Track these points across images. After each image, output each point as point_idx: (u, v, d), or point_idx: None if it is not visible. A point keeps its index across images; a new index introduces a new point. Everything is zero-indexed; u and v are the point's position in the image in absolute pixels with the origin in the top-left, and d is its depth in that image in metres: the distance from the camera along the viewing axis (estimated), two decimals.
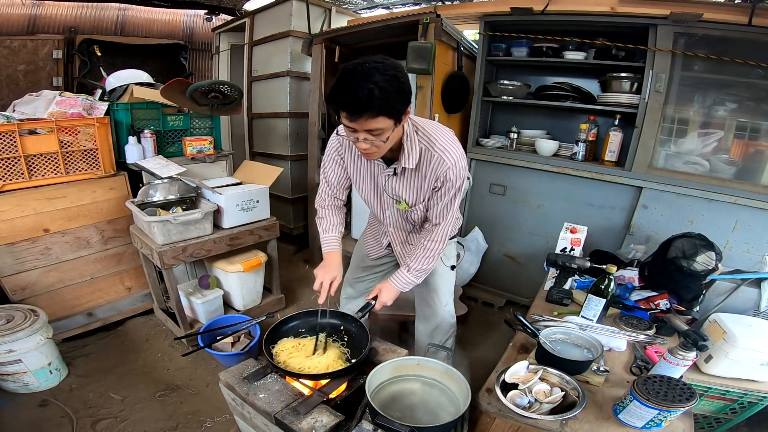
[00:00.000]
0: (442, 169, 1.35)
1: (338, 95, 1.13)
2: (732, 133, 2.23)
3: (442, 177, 1.36)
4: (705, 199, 2.15)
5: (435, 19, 2.42)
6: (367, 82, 1.09)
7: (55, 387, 1.99)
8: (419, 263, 1.50)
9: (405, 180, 1.43)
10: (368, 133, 1.18)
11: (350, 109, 1.12)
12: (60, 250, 2.22)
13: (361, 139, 1.20)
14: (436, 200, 1.44)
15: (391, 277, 1.53)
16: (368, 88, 1.08)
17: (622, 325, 1.67)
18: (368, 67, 1.11)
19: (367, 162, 1.47)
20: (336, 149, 1.52)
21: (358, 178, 1.55)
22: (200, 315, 2.37)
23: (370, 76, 1.10)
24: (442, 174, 1.35)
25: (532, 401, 1.23)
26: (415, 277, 1.51)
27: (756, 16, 1.92)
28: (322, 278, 1.46)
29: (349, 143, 1.46)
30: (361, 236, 1.94)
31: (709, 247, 1.77)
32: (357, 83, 1.09)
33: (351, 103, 1.11)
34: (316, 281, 1.46)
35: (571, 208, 2.48)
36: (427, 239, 1.49)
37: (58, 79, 3.84)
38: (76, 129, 2.19)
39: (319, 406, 1.16)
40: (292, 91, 3.43)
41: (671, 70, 2.14)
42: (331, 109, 1.27)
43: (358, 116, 1.13)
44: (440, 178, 1.37)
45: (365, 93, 1.09)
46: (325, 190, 1.62)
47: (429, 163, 1.36)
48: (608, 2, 2.24)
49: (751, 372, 1.52)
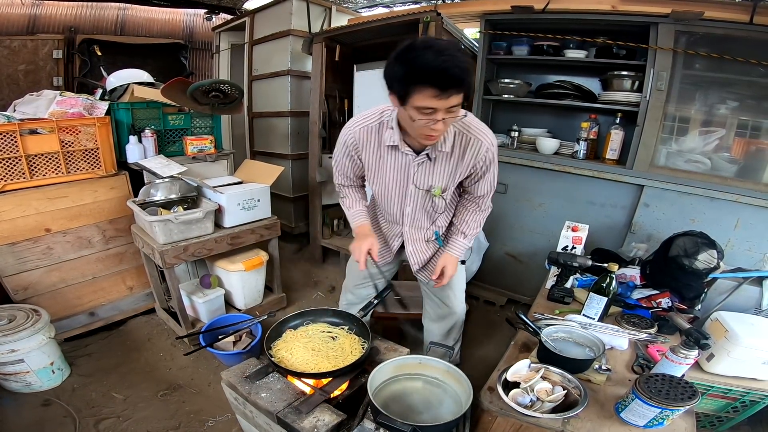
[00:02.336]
0: (483, 150, 1.38)
1: (429, 72, 1.07)
2: (733, 132, 2.22)
3: (483, 157, 1.40)
4: (707, 198, 2.14)
5: (435, 17, 2.43)
6: (455, 57, 1.07)
7: (57, 386, 1.99)
8: (472, 229, 1.59)
9: (438, 165, 1.42)
10: (447, 111, 1.14)
11: (444, 85, 1.07)
12: (62, 249, 2.22)
13: (439, 119, 1.15)
14: (481, 177, 1.48)
15: (449, 249, 1.61)
16: (460, 64, 1.07)
17: (624, 323, 1.67)
18: (444, 43, 1.11)
19: (393, 156, 1.42)
20: (353, 146, 1.47)
21: (379, 174, 1.49)
22: (202, 314, 2.37)
23: (453, 52, 1.08)
24: (482, 155, 1.39)
25: (533, 400, 1.23)
26: (468, 242, 1.62)
27: (757, 14, 1.92)
28: (359, 248, 1.49)
29: (369, 139, 1.42)
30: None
31: (711, 246, 1.77)
32: (449, 59, 1.06)
33: (445, 79, 1.07)
34: (355, 253, 1.51)
35: (572, 207, 2.48)
36: (476, 209, 1.58)
37: (59, 78, 3.84)
38: (77, 129, 2.19)
39: (321, 405, 1.16)
40: (292, 91, 3.43)
41: (672, 68, 2.13)
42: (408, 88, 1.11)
43: (450, 93, 1.09)
44: (482, 159, 1.41)
45: (459, 68, 1.07)
46: (341, 178, 1.63)
47: (466, 146, 1.37)
48: (609, 0, 2.23)
49: (753, 370, 1.53)
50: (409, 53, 1.10)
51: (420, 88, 1.10)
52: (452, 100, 1.12)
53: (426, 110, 1.14)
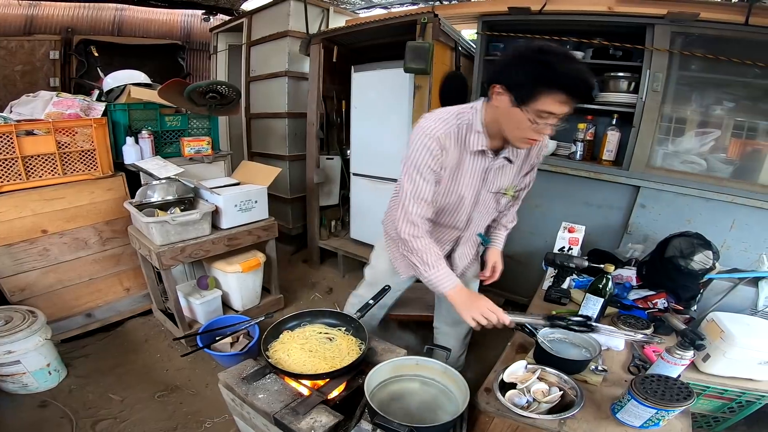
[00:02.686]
0: (543, 145, 1.44)
1: (569, 79, 1.05)
2: (729, 132, 2.23)
3: (540, 152, 1.47)
4: (702, 199, 2.15)
5: (433, 19, 2.43)
6: (589, 72, 1.07)
7: (54, 388, 1.99)
8: (511, 222, 1.70)
9: (513, 166, 1.41)
10: (560, 118, 1.14)
11: (577, 94, 1.07)
12: (58, 251, 2.22)
13: (551, 124, 1.14)
14: (531, 171, 1.51)
15: (494, 244, 1.68)
16: (592, 78, 1.07)
17: (620, 324, 1.68)
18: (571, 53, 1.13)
19: (473, 161, 1.32)
20: (437, 159, 1.26)
21: (452, 184, 1.35)
22: (199, 315, 2.37)
23: (583, 66, 1.08)
24: (542, 150, 1.48)
25: (530, 401, 1.23)
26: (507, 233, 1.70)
27: (753, 15, 1.93)
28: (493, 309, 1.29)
29: (451, 146, 1.28)
30: (383, 254, 1.74)
31: (707, 246, 1.78)
32: (586, 71, 1.06)
33: (581, 89, 1.07)
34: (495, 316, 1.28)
35: (569, 208, 2.48)
36: (515, 202, 1.64)
37: (55, 79, 3.83)
38: (74, 130, 2.19)
39: (318, 407, 1.16)
40: (290, 92, 3.43)
41: (668, 69, 2.14)
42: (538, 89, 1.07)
43: (576, 102, 1.09)
44: (541, 154, 1.48)
45: (592, 82, 1.07)
46: (420, 212, 1.32)
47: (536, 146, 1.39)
48: (605, 2, 2.24)
49: (748, 371, 1.53)
50: (544, 56, 1.05)
51: (552, 93, 1.07)
52: (570, 108, 1.11)
53: (545, 114, 1.11)
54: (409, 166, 1.29)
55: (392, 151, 2.86)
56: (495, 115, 1.23)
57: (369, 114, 2.98)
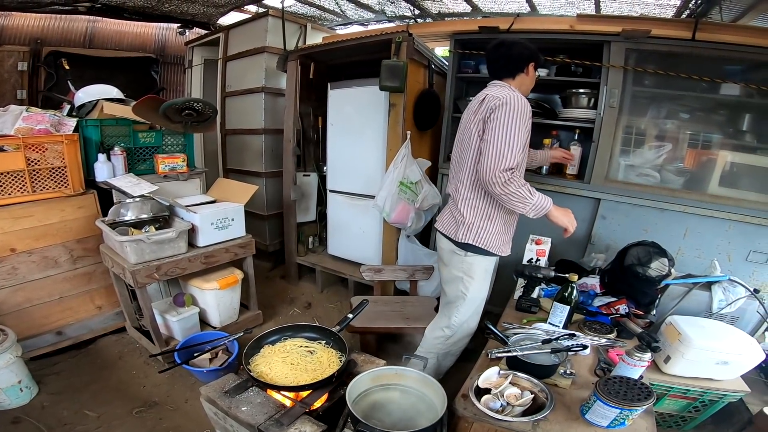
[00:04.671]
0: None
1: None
2: (683, 145, 2.38)
3: None
4: (657, 209, 2.28)
5: (407, 38, 2.51)
6: None
7: (26, 404, 1.94)
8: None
9: None
10: None
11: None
12: (27, 269, 2.15)
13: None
14: None
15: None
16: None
17: (586, 329, 1.78)
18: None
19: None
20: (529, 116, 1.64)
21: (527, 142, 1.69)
22: (176, 332, 2.33)
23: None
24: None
25: (504, 404, 1.30)
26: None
27: (699, 30, 2.07)
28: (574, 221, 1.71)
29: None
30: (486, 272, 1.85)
31: (662, 254, 1.90)
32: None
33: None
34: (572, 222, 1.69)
35: (536, 220, 2.54)
36: None
37: (23, 92, 3.71)
38: (44, 146, 2.14)
39: (302, 417, 1.19)
40: (266, 108, 3.44)
41: (623, 85, 2.27)
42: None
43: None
44: None
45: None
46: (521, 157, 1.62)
47: None
48: (567, 21, 2.39)
49: (707, 371, 1.62)
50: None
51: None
52: None
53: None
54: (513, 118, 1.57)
55: (368, 167, 2.91)
56: (523, 81, 1.76)
57: (345, 131, 3.02)
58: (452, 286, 1.86)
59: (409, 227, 2.66)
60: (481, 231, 1.74)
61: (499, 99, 1.60)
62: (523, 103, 1.61)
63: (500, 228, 1.76)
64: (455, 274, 1.83)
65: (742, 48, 2.04)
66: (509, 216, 1.79)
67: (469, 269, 1.80)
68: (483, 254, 1.77)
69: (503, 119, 1.56)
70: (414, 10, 3.52)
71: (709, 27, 2.10)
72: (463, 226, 1.76)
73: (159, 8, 3.71)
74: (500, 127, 1.56)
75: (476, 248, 1.75)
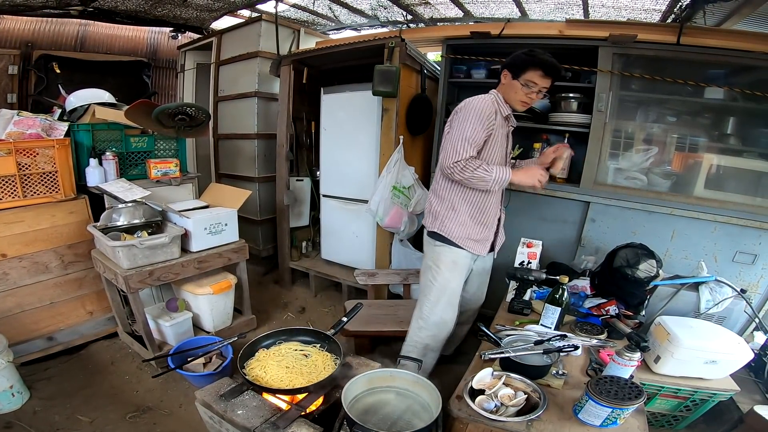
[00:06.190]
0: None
1: (550, 65, 1.70)
2: (670, 148, 2.43)
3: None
4: (645, 212, 2.33)
5: (400, 43, 2.53)
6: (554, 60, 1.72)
7: (18, 410, 1.92)
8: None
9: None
10: (541, 90, 1.74)
11: (550, 72, 1.70)
12: (17, 275, 2.13)
13: (535, 91, 1.74)
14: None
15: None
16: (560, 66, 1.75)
17: (577, 330, 1.80)
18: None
19: (504, 126, 1.85)
20: (488, 117, 1.73)
21: (495, 144, 1.80)
22: (169, 337, 2.32)
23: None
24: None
25: (498, 405, 1.31)
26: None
27: (684, 35, 2.13)
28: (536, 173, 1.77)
29: (496, 110, 1.79)
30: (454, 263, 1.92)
31: (650, 256, 1.94)
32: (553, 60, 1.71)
33: (553, 68, 1.70)
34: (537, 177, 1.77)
35: (527, 224, 2.59)
36: None
37: (13, 95, 3.67)
38: (35, 151, 2.13)
39: (298, 420, 1.19)
40: (259, 112, 3.44)
41: (610, 89, 2.31)
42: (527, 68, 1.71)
43: (549, 77, 1.71)
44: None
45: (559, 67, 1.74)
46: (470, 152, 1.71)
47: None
48: (557, 26, 2.43)
49: (697, 370, 1.65)
50: (530, 52, 1.71)
51: (534, 69, 1.70)
52: (548, 83, 1.72)
53: (531, 83, 1.72)
54: (468, 117, 1.73)
55: (361, 172, 2.92)
56: (503, 90, 1.82)
57: (338, 135, 3.04)
58: (424, 275, 1.99)
59: (402, 231, 2.68)
60: (445, 220, 1.88)
61: (463, 102, 1.79)
62: (484, 104, 1.74)
63: (465, 219, 1.86)
64: (427, 263, 1.97)
65: (726, 52, 2.10)
66: (476, 211, 1.87)
67: (437, 259, 1.92)
68: (449, 245, 1.88)
69: (461, 117, 1.74)
70: (406, 15, 3.55)
71: (693, 31, 2.15)
72: (431, 215, 1.93)
73: (151, 12, 3.70)
74: (457, 124, 1.74)
75: (442, 237, 1.88)
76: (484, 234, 1.91)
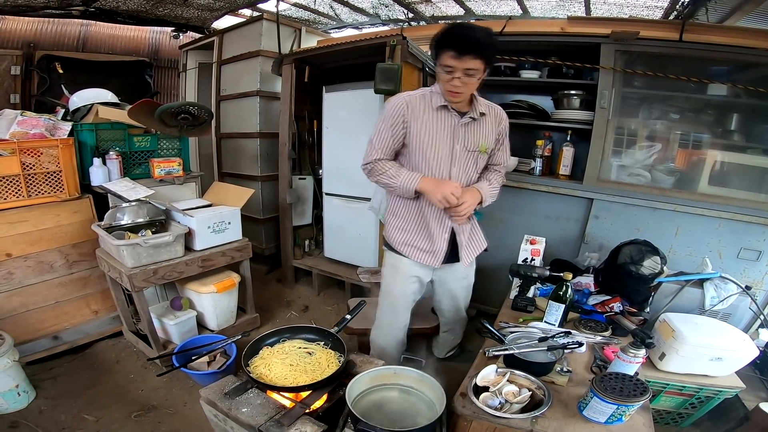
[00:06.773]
0: (504, 119, 1.76)
1: (451, 37, 1.42)
2: (673, 145, 2.43)
3: (504, 125, 1.77)
4: (649, 208, 2.32)
5: (401, 41, 2.51)
6: (474, 31, 1.42)
7: (24, 409, 1.93)
8: (495, 182, 1.79)
9: (480, 126, 1.69)
10: (464, 72, 1.44)
11: (460, 48, 1.40)
12: (22, 274, 2.14)
13: (456, 77, 1.46)
14: (501, 145, 1.79)
15: (478, 186, 1.71)
16: (476, 35, 1.40)
17: (581, 327, 1.80)
18: (470, 23, 1.41)
19: (442, 118, 1.63)
20: (401, 115, 1.60)
21: (426, 138, 1.63)
22: (173, 336, 2.33)
23: (475, 29, 1.44)
24: (504, 123, 1.76)
25: (502, 402, 1.31)
26: (491, 189, 1.76)
27: (686, 32, 2.12)
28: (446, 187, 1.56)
29: (418, 105, 1.61)
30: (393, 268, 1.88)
31: (655, 252, 1.93)
32: (467, 30, 1.43)
33: (462, 44, 1.40)
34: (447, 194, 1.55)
35: (530, 221, 2.60)
36: (496, 172, 1.83)
37: (16, 96, 3.69)
38: (39, 150, 2.13)
39: (302, 418, 1.19)
40: (261, 111, 3.44)
41: (613, 86, 2.31)
42: (438, 50, 1.46)
43: (464, 55, 1.40)
44: (504, 127, 1.77)
45: (475, 37, 1.40)
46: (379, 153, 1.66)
47: (494, 114, 1.72)
48: (558, 23, 2.43)
49: (702, 367, 1.65)
50: (444, 28, 1.46)
51: (443, 50, 1.44)
52: (469, 63, 1.42)
53: (447, 68, 1.46)
54: (378, 121, 1.66)
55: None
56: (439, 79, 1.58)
57: (340, 134, 3.04)
58: None
59: None
60: (387, 225, 1.87)
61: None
62: (393, 101, 1.64)
63: (404, 225, 1.80)
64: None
65: (729, 48, 2.08)
66: (416, 216, 1.77)
67: (384, 262, 1.93)
68: (389, 249, 1.87)
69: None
70: (408, 13, 3.55)
71: (695, 28, 2.15)
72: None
73: (153, 12, 3.71)
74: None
75: (385, 241, 1.88)
76: (430, 242, 1.75)
